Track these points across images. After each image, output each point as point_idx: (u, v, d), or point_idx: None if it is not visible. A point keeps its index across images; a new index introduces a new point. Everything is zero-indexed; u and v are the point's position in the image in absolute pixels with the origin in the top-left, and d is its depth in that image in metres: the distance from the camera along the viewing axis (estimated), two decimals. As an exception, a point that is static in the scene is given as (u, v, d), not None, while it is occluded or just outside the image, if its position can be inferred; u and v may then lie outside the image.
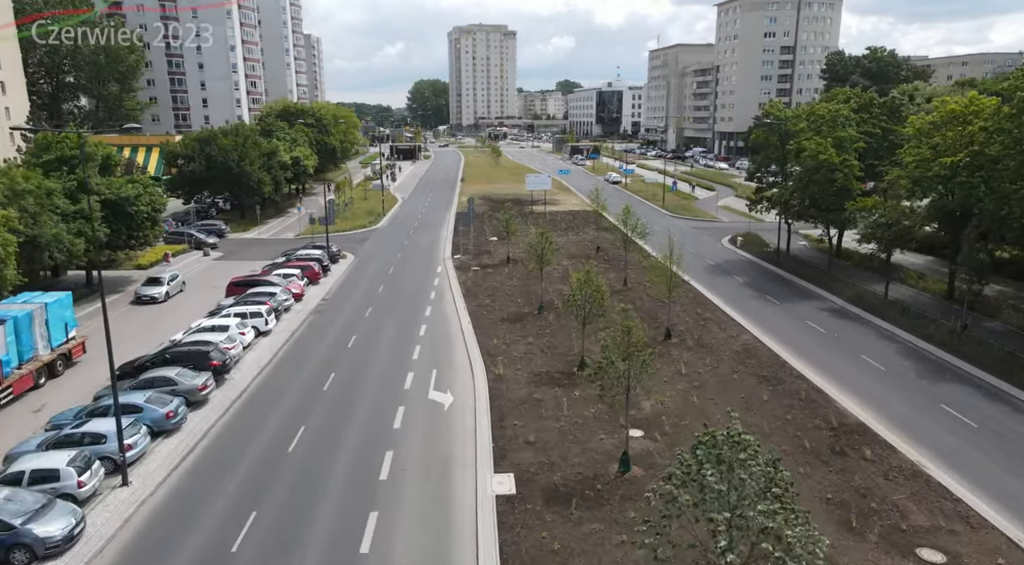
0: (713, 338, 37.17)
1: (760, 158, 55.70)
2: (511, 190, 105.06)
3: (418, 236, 69.17)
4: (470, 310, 42.48)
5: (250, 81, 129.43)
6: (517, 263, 55.99)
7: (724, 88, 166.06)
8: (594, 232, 69.79)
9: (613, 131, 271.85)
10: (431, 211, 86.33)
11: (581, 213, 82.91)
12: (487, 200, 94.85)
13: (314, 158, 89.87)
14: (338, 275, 52.03)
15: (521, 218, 78.20)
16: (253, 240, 66.83)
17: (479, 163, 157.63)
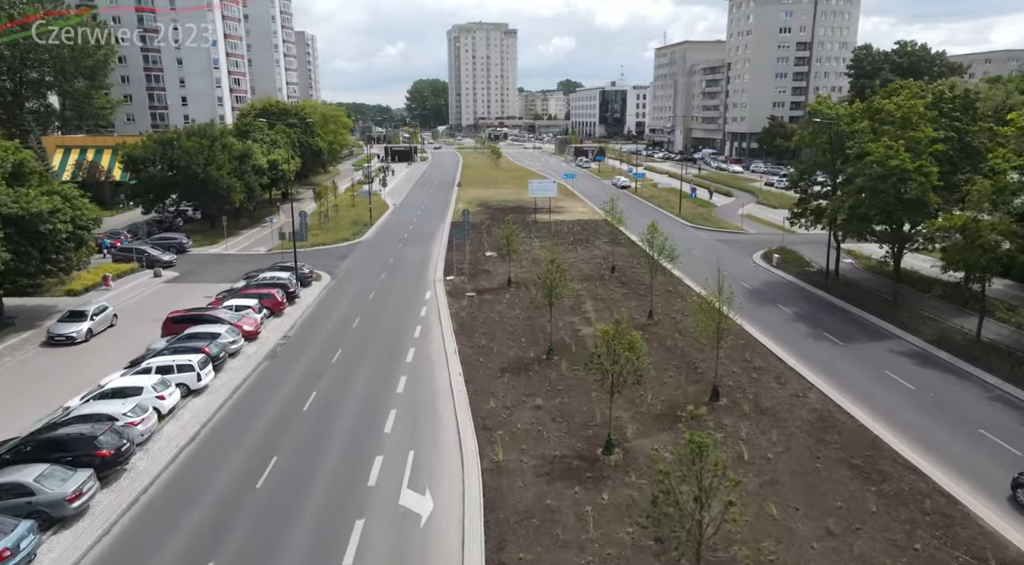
0: (773, 398, 28.90)
1: (805, 163, 47.40)
2: (512, 196, 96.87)
3: (407, 251, 60.94)
4: (462, 354, 34.26)
5: (233, 78, 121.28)
6: (520, 287, 47.74)
7: (736, 86, 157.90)
8: (606, 246, 61.57)
9: (617, 132, 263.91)
10: (423, 220, 78.12)
11: (590, 223, 74.68)
12: (485, 207, 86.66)
13: (296, 161, 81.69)
14: (308, 303, 43.78)
15: (523, 229, 69.94)
16: (218, 256, 58.57)
17: (478, 165, 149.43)
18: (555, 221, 75.51)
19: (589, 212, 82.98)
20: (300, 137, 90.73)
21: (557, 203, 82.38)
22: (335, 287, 48.38)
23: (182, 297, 44.84)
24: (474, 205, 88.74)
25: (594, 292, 46.03)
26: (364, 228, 71.23)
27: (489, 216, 79.50)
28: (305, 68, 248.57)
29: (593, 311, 41.65)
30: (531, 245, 62.04)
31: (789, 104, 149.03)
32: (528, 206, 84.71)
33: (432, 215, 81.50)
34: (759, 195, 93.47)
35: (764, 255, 57.45)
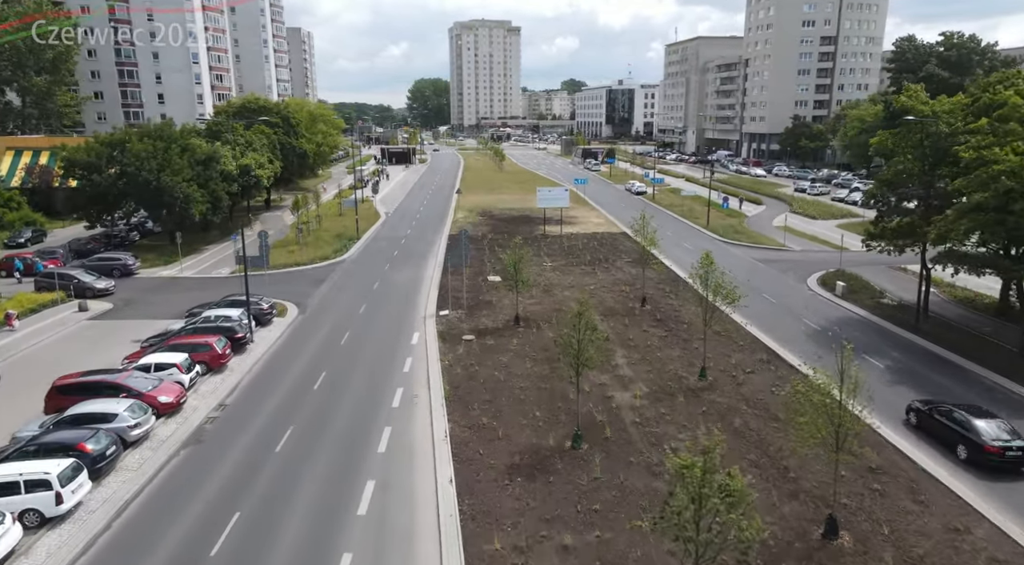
0: (920, 533, 19.42)
1: (888, 172, 37.90)
2: (517, 203, 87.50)
3: (395, 274, 51.57)
4: (456, 440, 24.91)
5: (215, 74, 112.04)
6: (531, 326, 38.35)
7: (754, 84, 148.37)
8: (630, 268, 52.21)
9: (624, 132, 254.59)
10: (418, 233, 68.75)
11: (608, 237, 65.25)
12: (488, 217, 77.25)
13: (274, 166, 72.37)
14: (261, 352, 34.42)
15: (531, 244, 60.70)
16: (170, 281, 49.22)
17: (480, 168, 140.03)
18: (567, 235, 66.14)
19: (605, 223, 73.55)
20: (282, 138, 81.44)
21: (568, 213, 73.05)
22: (301, 326, 38.99)
23: (105, 341, 35.57)
24: (475, 214, 79.45)
25: (623, 334, 36.62)
26: (348, 243, 61.90)
27: (492, 228, 70.09)
28: (301, 66, 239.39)
29: (627, 364, 32.28)
30: (541, 266, 52.71)
31: (812, 103, 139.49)
32: (536, 216, 75.37)
33: (427, 227, 72.13)
34: (792, 203, 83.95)
35: (822, 281, 47.92)
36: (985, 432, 23.01)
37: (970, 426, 23.41)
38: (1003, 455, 22.41)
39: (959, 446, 23.67)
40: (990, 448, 22.56)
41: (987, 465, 22.69)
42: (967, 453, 23.32)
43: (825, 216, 75.02)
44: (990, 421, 23.58)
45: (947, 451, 24.06)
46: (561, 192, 67.10)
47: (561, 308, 41.63)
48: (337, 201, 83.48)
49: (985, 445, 22.68)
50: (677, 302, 43.12)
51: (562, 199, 66.37)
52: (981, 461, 22.81)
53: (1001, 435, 22.88)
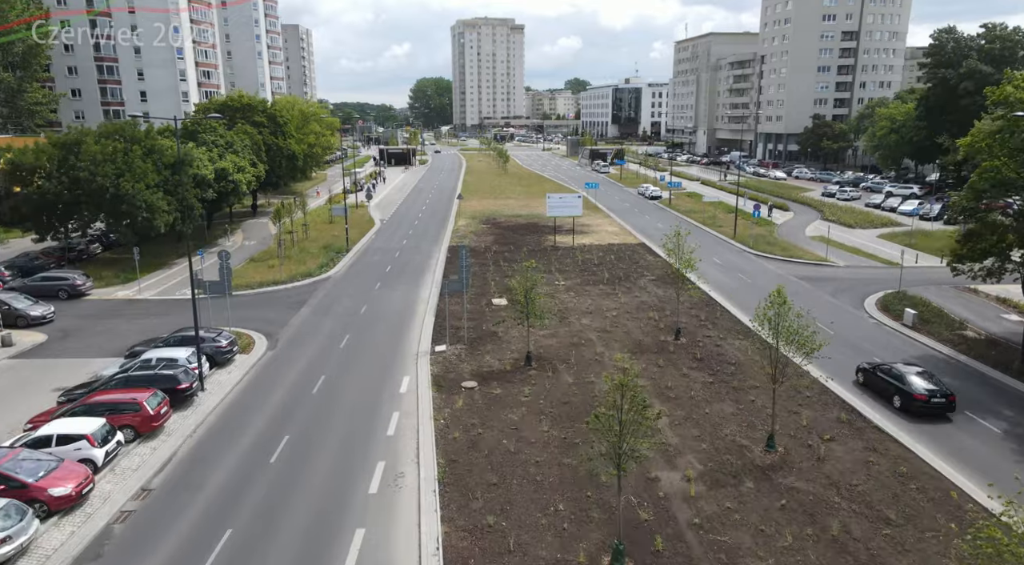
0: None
1: (980, 179, 30.92)
2: (523, 209, 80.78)
3: (386, 296, 44.86)
4: (450, 555, 18.18)
5: (202, 70, 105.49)
6: (545, 369, 31.55)
7: (770, 82, 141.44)
8: (655, 288, 45.51)
9: (631, 132, 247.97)
10: (414, 244, 62.06)
11: (625, 249, 58.48)
12: (492, 225, 70.48)
13: (257, 169, 65.77)
14: (211, 404, 27.71)
15: (539, 256, 54.11)
16: (124, 305, 42.55)
17: (483, 170, 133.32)
18: (581, 246, 59.38)
19: (620, 233, 66.72)
20: (269, 139, 74.88)
21: (580, 221, 66.28)
22: (268, 367, 32.27)
23: (19, 391, 28.97)
24: (478, 222, 72.73)
25: (660, 381, 29.82)
26: (336, 257, 55.23)
27: (496, 238, 63.35)
28: (299, 64, 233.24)
29: (669, 425, 25.49)
30: (553, 285, 46.00)
31: (832, 101, 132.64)
32: (544, 223, 68.73)
33: (425, 236, 65.42)
34: (823, 210, 77.04)
35: (883, 306, 41.03)
36: (915, 385, 26.50)
37: (904, 380, 26.87)
38: (928, 402, 26.05)
39: (895, 397, 27.09)
40: (918, 396, 26.18)
41: (916, 411, 26.27)
42: (900, 402, 26.81)
43: (863, 224, 68.12)
44: (920, 376, 26.99)
45: (886, 402, 27.52)
46: (573, 199, 60.32)
47: (580, 341, 34.91)
48: (328, 207, 76.76)
49: (915, 394, 26.25)
50: (716, 334, 36.34)
51: (575, 207, 59.60)
52: (911, 408, 26.38)
53: (929, 387, 26.33)
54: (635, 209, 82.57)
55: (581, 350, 33.66)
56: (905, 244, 58.72)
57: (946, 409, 26.15)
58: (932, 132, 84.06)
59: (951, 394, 26.28)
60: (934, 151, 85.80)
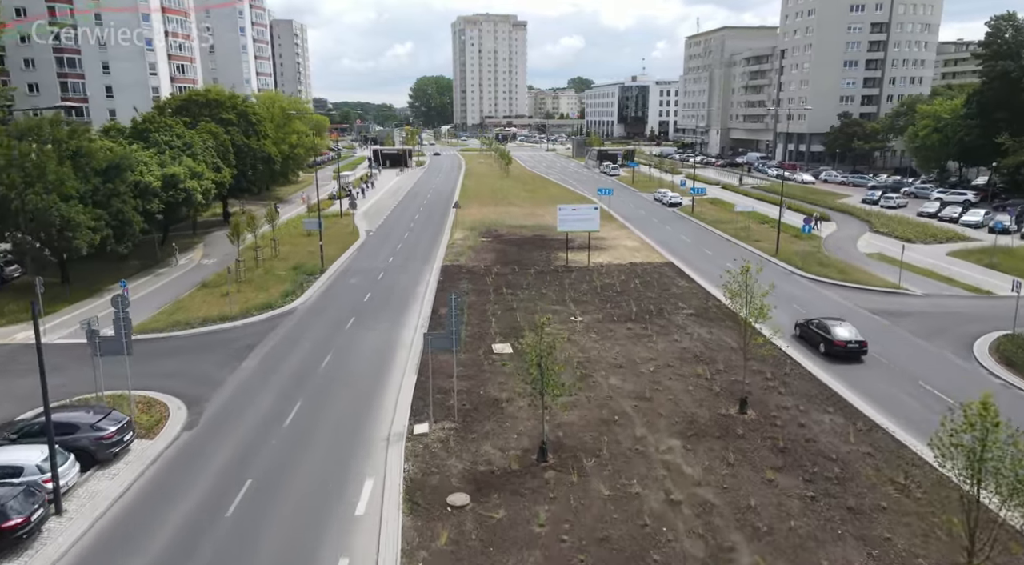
0: None
1: None
2: (529, 219, 71.57)
3: (356, 340, 35.59)
4: None
5: (176, 64, 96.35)
6: (567, 465, 22.14)
7: (791, 78, 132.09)
8: (695, 325, 36.33)
9: (638, 132, 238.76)
10: (402, 262, 52.86)
11: (650, 270, 49.21)
12: (493, 239, 61.18)
13: (219, 174, 56.68)
14: (72, 536, 18.50)
15: (550, 280, 44.99)
16: (22, 350, 33.30)
17: (484, 173, 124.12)
18: (598, 266, 50.16)
19: (642, 248, 57.47)
20: (239, 139, 65.78)
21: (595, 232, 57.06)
22: (173, 463, 22.93)
23: None
24: (477, 234, 63.51)
25: (735, 494, 20.42)
26: (307, 281, 46.09)
27: (498, 255, 54.08)
28: (294, 61, 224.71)
29: (767, 590, 16.28)
30: (568, 322, 36.83)
31: (860, 98, 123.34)
32: (553, 236, 59.66)
33: (415, 253, 56.22)
34: (871, 220, 67.74)
35: (1003, 357, 31.54)
36: (836, 333, 31.95)
37: (827, 329, 32.44)
38: (846, 347, 31.46)
39: (820, 344, 32.47)
40: (838, 343, 31.62)
41: (836, 355, 31.59)
42: (824, 348, 32.11)
43: (923, 239, 58.81)
44: (841, 325, 32.61)
45: (814, 349, 32.58)
46: (589, 211, 50.91)
47: (611, 416, 25.72)
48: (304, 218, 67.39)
49: (835, 340, 31.65)
50: (793, 401, 27.07)
51: (591, 221, 50.30)
52: (833, 352, 31.67)
53: (847, 335, 31.80)
54: (654, 218, 73.32)
55: (614, 431, 24.44)
56: (984, 264, 49.57)
57: (860, 353, 31.56)
58: (987, 131, 74.81)
59: (864, 340, 31.65)
60: (986, 152, 76.51)
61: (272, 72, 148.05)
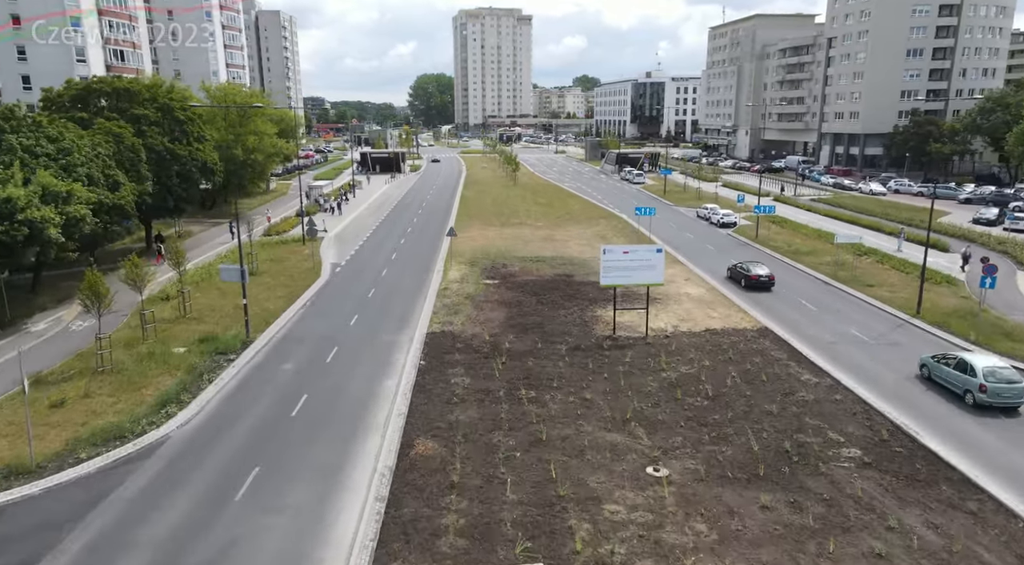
0: None
1: None
2: (546, 244, 54.63)
3: (268, 509, 18.70)
4: None
5: (113, 49, 79.51)
6: None
7: (842, 70, 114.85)
8: (898, 506, 19.11)
9: (652, 132, 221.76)
10: (367, 331, 35.77)
11: (741, 344, 32.01)
12: (501, 281, 43.83)
13: (113, 194, 39.77)
14: None
15: (593, 364, 27.99)
16: None
17: (487, 180, 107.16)
18: (661, 335, 33.14)
19: (713, 297, 40.29)
20: (159, 142, 48.83)
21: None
22: None
23: None
24: (479, 273, 46.44)
25: None
26: (213, 368, 29.21)
27: (511, 315, 36.90)
28: (281, 55, 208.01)
29: None
30: (641, 481, 19.69)
31: (925, 93, 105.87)
32: (584, 277, 42.91)
33: (390, 309, 39.12)
34: (1016, 251, 50.54)
35: None
36: (752, 270, 41.75)
37: (745, 268, 42.23)
38: (758, 279, 41.15)
39: (741, 280, 41.90)
40: (753, 277, 41.32)
41: (753, 286, 41.25)
42: (743, 282, 41.76)
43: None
44: (758, 265, 42.63)
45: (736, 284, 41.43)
46: (648, 256, 33.33)
47: None
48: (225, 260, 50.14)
49: (751, 274, 41.42)
50: None
51: (653, 270, 33.04)
52: (750, 285, 41.35)
53: (760, 271, 41.54)
54: (708, 245, 56.34)
55: None
56: None
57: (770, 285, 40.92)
58: None
59: (772, 275, 41.36)
60: None
61: (248, 65, 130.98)
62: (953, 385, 25.99)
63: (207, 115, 67.84)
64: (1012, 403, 24.41)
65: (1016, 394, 24.31)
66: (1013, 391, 24.30)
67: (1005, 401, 24.34)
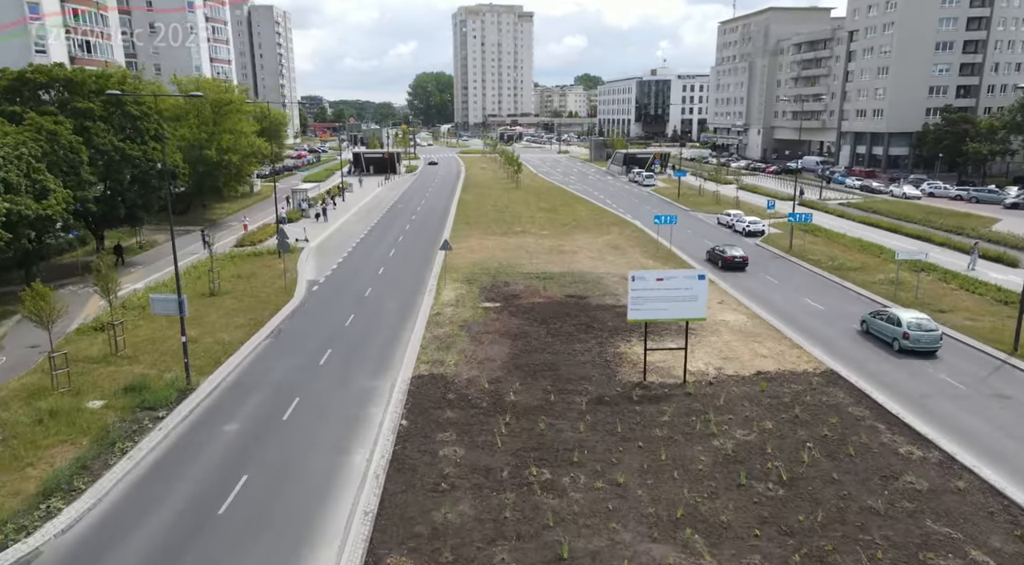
0: None
1: None
2: (554, 257, 47.79)
3: None
4: None
5: (77, 40, 72.75)
6: None
7: (864, 65, 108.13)
8: None
9: (658, 131, 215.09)
10: (339, 370, 29.07)
11: (804, 394, 25.06)
12: (504, 304, 36.80)
13: (39, 204, 33.13)
14: None
15: (627, 437, 21.03)
16: None
17: (486, 182, 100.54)
18: (703, 383, 26.39)
19: (757, 326, 33.51)
20: (107, 142, 42.10)
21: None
22: None
23: None
24: (476, 292, 39.66)
25: None
26: (133, 431, 22.56)
27: (515, 352, 29.99)
28: (274, 51, 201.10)
29: None
30: None
31: (955, 89, 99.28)
32: (601, 300, 36.15)
33: (369, 343, 32.33)
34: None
35: None
36: (727, 251, 45.74)
37: (722, 251, 46.12)
38: (732, 260, 45.05)
39: (718, 261, 45.81)
40: (728, 258, 45.17)
41: (727, 266, 45.12)
42: (719, 263, 45.60)
43: None
44: (732, 247, 46.71)
45: (714, 265, 45.53)
46: (689, 283, 26.42)
47: None
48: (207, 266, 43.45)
49: (726, 256, 45.31)
50: None
51: (694, 303, 26.26)
52: (725, 265, 45.24)
53: (734, 252, 45.57)
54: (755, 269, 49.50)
55: None
56: None
57: (744, 265, 44.90)
58: None
59: (746, 256, 45.47)
60: None
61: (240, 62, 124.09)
62: (883, 335, 31.03)
63: (176, 111, 61.27)
64: (930, 348, 29.31)
65: (932, 340, 29.28)
66: (930, 337, 29.32)
67: (924, 346, 29.29)
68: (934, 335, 29.24)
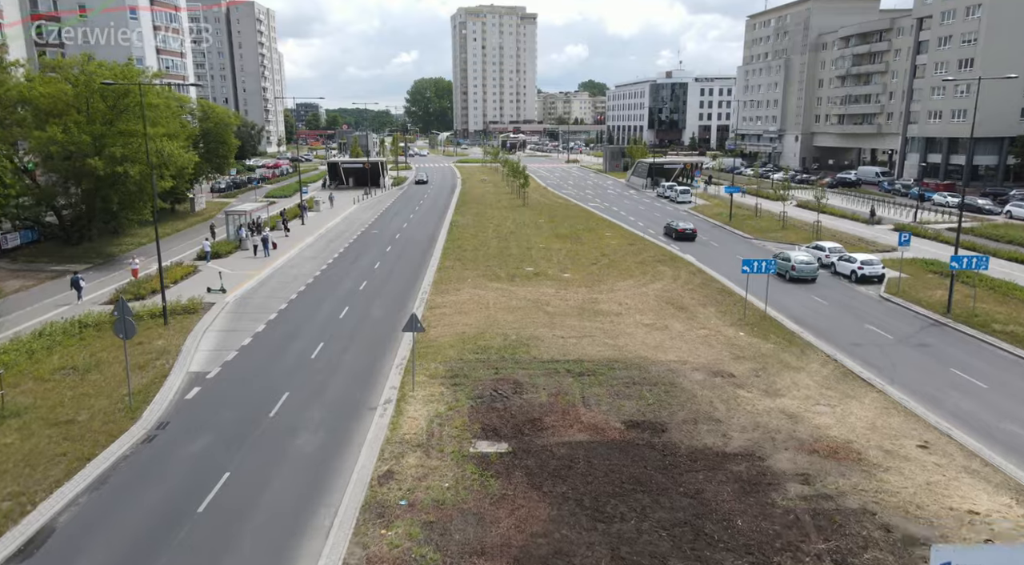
0: None
1: None
2: (582, 328, 28.75)
3: None
4: None
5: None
6: None
7: (938, 58, 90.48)
8: None
9: (673, 139, 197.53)
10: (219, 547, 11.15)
11: None
12: (512, 441, 17.39)
13: None
14: None
15: None
16: None
17: (486, 199, 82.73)
18: None
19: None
20: None
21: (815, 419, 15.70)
22: None
23: None
24: (465, 409, 20.53)
25: None
26: None
27: None
28: (256, 52, 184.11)
29: None
30: None
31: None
32: (684, 427, 17.61)
33: (245, 538, 14.41)
34: None
35: None
36: (678, 224, 54.12)
37: (674, 224, 54.66)
38: (684, 232, 52.97)
39: (672, 233, 53.87)
40: (680, 230, 53.25)
41: (678, 238, 52.89)
42: (673, 235, 53.61)
43: None
44: (684, 222, 54.84)
45: (669, 239, 52.28)
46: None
47: None
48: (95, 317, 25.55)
49: (678, 228, 53.39)
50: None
51: None
52: (677, 236, 53.20)
53: (685, 225, 53.78)
54: (871, 327, 31.56)
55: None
56: None
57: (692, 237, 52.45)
58: None
59: (694, 228, 53.56)
60: None
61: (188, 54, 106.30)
62: (782, 268, 40.55)
63: (51, 106, 43.64)
64: (809, 277, 40.18)
65: (811, 271, 40.34)
66: (809, 269, 40.38)
67: (805, 275, 40.21)
68: (813, 267, 40.36)
